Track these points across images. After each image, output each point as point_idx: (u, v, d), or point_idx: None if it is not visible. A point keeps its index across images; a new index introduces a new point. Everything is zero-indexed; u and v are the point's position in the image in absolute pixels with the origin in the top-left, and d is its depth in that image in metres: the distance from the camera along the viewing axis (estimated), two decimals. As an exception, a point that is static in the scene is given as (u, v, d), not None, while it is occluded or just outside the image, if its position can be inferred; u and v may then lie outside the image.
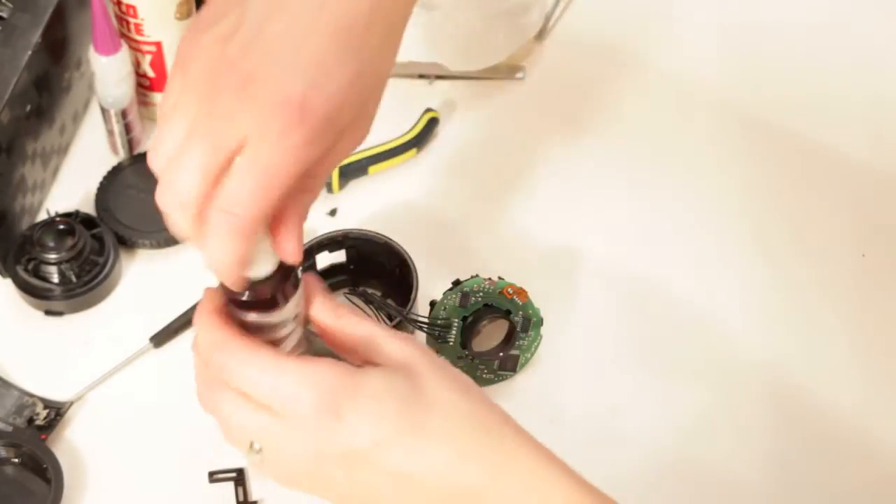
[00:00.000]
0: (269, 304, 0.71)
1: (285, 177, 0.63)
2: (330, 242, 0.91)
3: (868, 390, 0.89)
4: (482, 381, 0.88)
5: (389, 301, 0.89)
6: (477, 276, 0.88)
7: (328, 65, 0.64)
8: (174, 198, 0.65)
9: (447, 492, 0.68)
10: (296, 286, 0.72)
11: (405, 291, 0.89)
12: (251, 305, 0.71)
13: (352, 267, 0.93)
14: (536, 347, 0.88)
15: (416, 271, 0.88)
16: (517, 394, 0.89)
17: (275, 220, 0.68)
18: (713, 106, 1.02)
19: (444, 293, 0.87)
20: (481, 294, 0.87)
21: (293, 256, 0.69)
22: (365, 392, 0.68)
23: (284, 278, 0.71)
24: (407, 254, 0.89)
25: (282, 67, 0.63)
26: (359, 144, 0.69)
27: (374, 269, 0.93)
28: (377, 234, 0.90)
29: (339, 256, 0.93)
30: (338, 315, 0.73)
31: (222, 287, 0.71)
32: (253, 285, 0.70)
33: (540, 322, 0.88)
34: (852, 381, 0.89)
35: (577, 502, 0.67)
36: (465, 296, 0.87)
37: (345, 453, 0.68)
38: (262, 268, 0.69)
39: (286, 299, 0.72)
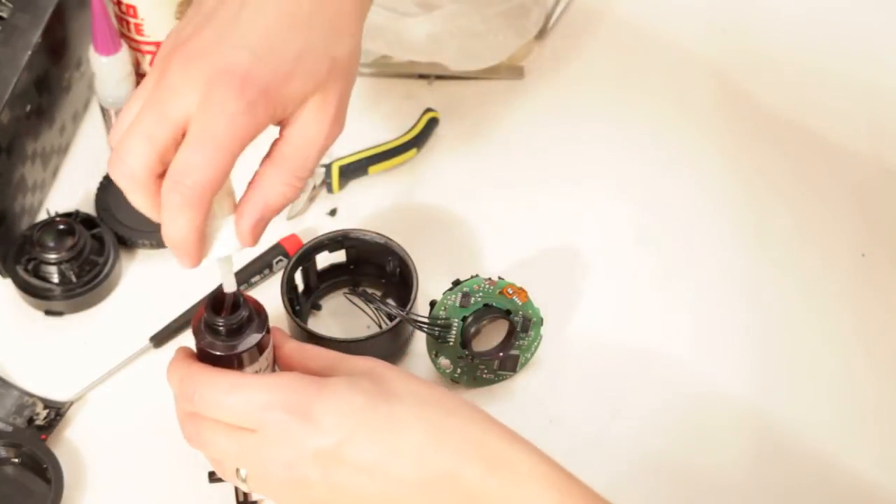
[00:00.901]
0: (240, 362, 0.74)
1: (229, 145, 0.65)
2: (330, 242, 0.91)
3: (868, 390, 0.89)
4: (482, 381, 0.88)
5: (390, 301, 0.89)
6: (477, 276, 0.88)
7: (273, 41, 0.66)
8: (122, 168, 0.66)
9: (421, 478, 0.68)
10: (269, 331, 0.75)
11: (405, 291, 0.89)
12: (224, 361, 0.74)
13: (352, 267, 0.93)
14: (536, 347, 0.88)
15: (415, 271, 0.88)
16: (517, 394, 0.89)
17: (241, 201, 0.70)
18: (715, 105, 1.02)
19: (444, 293, 0.87)
20: (481, 294, 0.87)
21: (244, 239, 0.70)
22: (330, 392, 0.69)
23: (259, 329, 0.74)
24: (407, 254, 0.89)
25: (227, 44, 0.66)
26: (330, 130, 0.70)
27: (374, 269, 0.93)
28: (377, 233, 0.90)
29: (339, 256, 0.93)
30: (304, 349, 0.76)
31: (197, 344, 0.74)
32: (228, 343, 0.73)
33: (540, 322, 0.88)
34: (851, 381, 0.89)
35: (542, 474, 0.68)
36: (465, 296, 0.87)
37: (317, 452, 0.69)
38: (223, 248, 0.70)
39: (261, 352, 0.75)
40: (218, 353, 0.74)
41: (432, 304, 0.88)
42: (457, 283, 0.88)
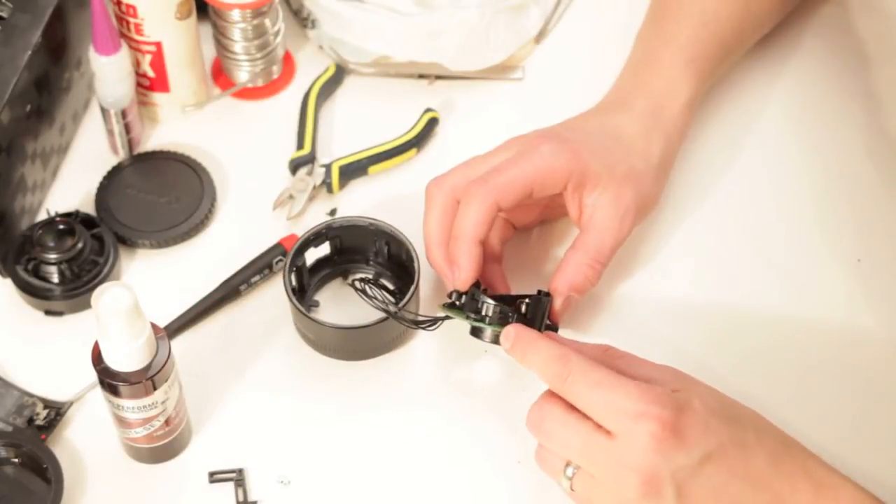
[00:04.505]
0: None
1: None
2: (315, 237, 0.90)
3: (866, 389, 0.89)
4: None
5: (386, 290, 0.89)
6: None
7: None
8: None
9: (757, 499, 0.74)
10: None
11: (399, 268, 0.90)
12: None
13: (335, 257, 0.93)
14: None
15: (415, 252, 0.89)
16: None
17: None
18: (712, 104, 1.02)
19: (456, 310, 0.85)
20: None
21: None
22: (693, 411, 0.74)
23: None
24: (400, 232, 0.90)
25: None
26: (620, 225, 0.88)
27: (360, 256, 0.93)
28: (360, 217, 0.90)
29: (325, 249, 0.92)
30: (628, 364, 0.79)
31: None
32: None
33: None
34: (847, 380, 0.90)
35: (861, 500, 0.74)
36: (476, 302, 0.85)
37: (680, 468, 0.73)
38: None
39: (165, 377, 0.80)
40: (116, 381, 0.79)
41: (462, 294, 0.85)
42: (451, 306, 0.85)
